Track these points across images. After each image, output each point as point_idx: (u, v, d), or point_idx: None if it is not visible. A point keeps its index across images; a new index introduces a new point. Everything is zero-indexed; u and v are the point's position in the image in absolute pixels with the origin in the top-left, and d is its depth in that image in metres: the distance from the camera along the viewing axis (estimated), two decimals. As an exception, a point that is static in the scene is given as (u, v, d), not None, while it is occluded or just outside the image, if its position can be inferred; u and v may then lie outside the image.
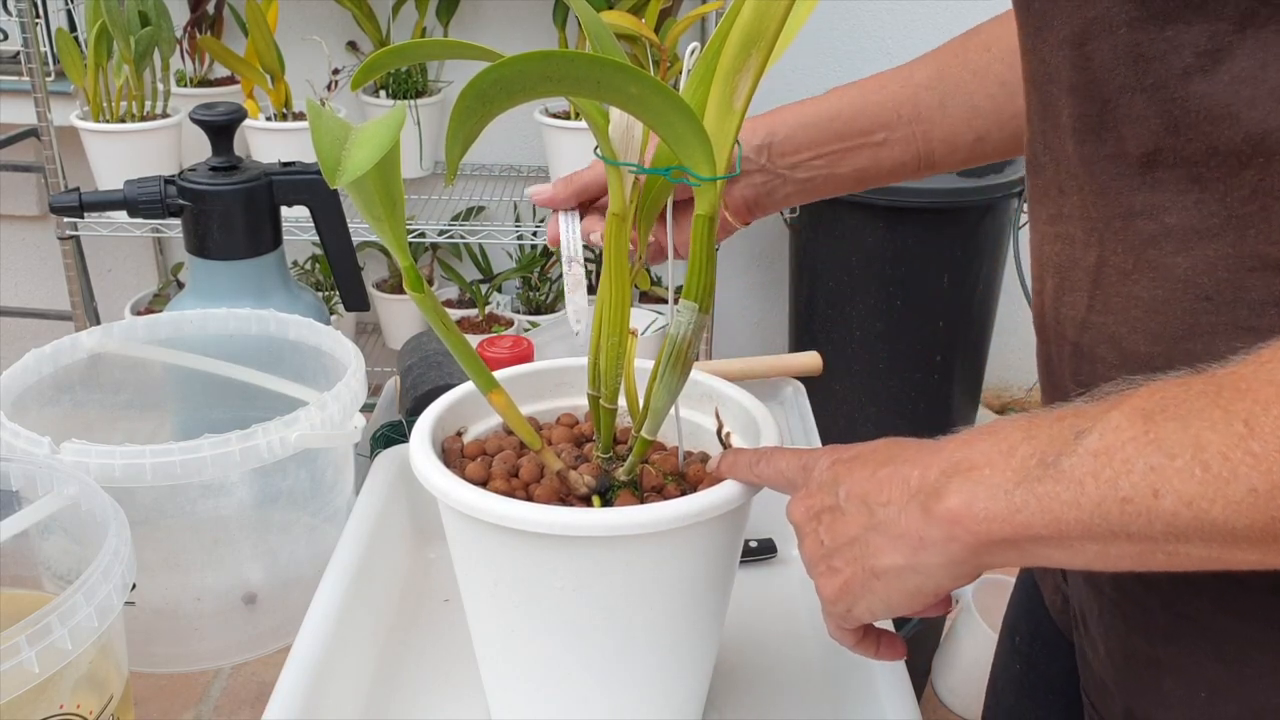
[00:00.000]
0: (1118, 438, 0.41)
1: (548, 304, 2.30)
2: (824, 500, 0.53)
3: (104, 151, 1.93)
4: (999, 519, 0.44)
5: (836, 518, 0.52)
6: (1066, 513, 0.42)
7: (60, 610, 0.59)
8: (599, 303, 0.62)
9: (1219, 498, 0.39)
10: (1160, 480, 0.40)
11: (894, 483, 0.49)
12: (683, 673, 0.65)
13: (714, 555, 0.61)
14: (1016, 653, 0.77)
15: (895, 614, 0.52)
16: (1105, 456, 0.41)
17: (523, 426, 0.63)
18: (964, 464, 0.46)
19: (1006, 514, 0.44)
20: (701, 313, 0.58)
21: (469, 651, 0.68)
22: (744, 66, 0.53)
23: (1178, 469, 0.39)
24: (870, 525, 0.50)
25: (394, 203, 0.51)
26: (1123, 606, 0.55)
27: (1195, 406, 0.40)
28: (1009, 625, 0.79)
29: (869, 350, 2.22)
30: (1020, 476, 0.44)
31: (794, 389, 1.12)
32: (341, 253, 1.10)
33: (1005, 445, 0.45)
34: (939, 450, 0.48)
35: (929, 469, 0.48)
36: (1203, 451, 0.39)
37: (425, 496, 0.60)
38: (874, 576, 0.50)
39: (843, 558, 0.51)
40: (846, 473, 0.52)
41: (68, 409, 0.89)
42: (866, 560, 0.50)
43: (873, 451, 0.52)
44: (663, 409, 0.62)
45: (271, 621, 0.83)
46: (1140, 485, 0.40)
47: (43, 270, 2.50)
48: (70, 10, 2.16)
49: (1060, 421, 0.44)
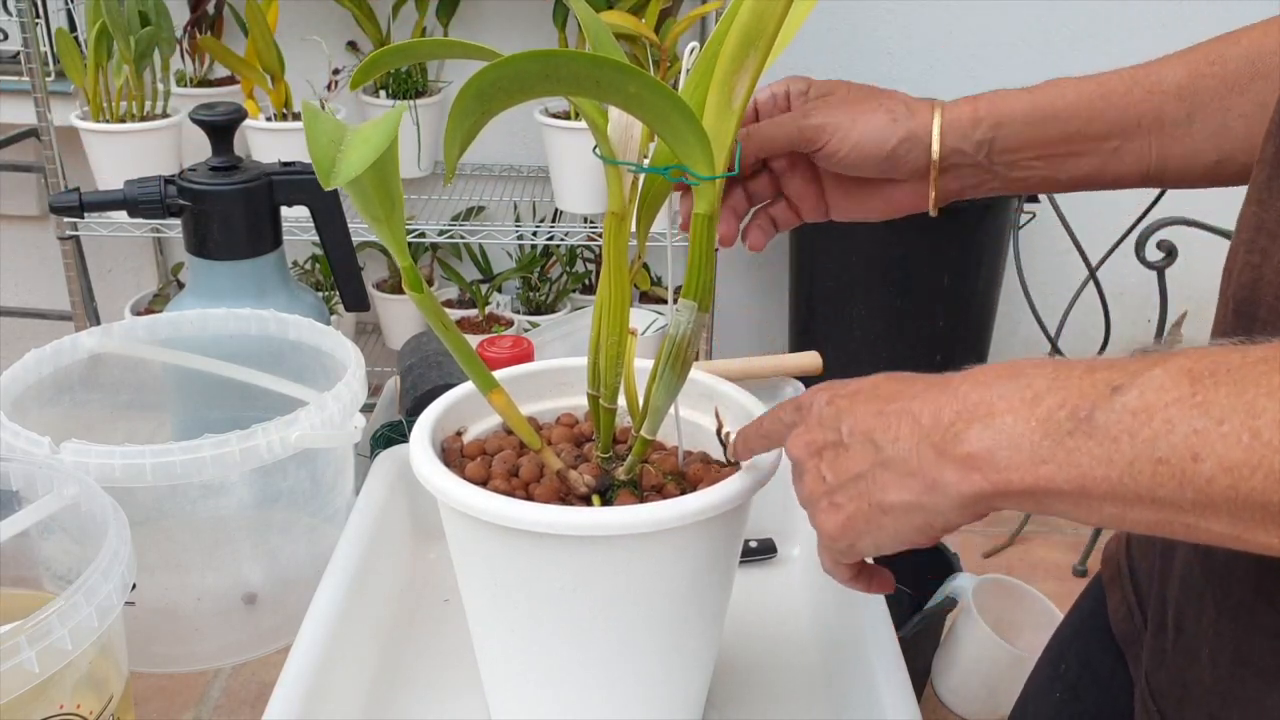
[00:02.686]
0: (1160, 398, 0.40)
1: (548, 304, 2.30)
2: (825, 436, 0.51)
3: (104, 151, 1.93)
4: (1021, 469, 0.43)
5: (840, 454, 0.50)
6: (1095, 469, 0.41)
7: (60, 610, 0.59)
8: (598, 302, 0.62)
9: (1262, 466, 0.37)
10: (1202, 444, 0.38)
11: (903, 420, 0.48)
12: (683, 673, 0.65)
13: (714, 555, 0.61)
14: (1060, 678, 0.74)
15: (901, 548, 0.51)
16: (1145, 415, 0.40)
17: (523, 426, 0.63)
18: (982, 408, 0.45)
19: (1030, 465, 0.43)
20: (701, 311, 0.58)
21: (469, 651, 0.68)
22: (742, 66, 0.53)
23: (1223, 434, 0.38)
24: (878, 462, 0.48)
25: (393, 203, 0.51)
26: (1255, 610, 0.52)
27: (1253, 373, 0.38)
28: (1056, 647, 0.76)
29: (869, 350, 2.22)
30: (1047, 429, 0.42)
31: (794, 389, 1.12)
32: (341, 253, 1.10)
33: (1029, 392, 0.44)
34: (950, 389, 0.47)
35: (942, 409, 0.46)
36: (1256, 418, 0.37)
37: (425, 496, 0.60)
38: (882, 512, 0.49)
39: (847, 493, 0.50)
40: (849, 408, 0.51)
41: (68, 409, 0.89)
42: (873, 496, 0.49)
43: (874, 387, 0.51)
44: (662, 408, 0.62)
45: (271, 621, 0.83)
46: (1180, 448, 0.39)
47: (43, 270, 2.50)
48: (70, 10, 2.16)
49: (1091, 374, 0.43)
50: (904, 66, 2.25)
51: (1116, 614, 0.68)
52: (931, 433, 0.46)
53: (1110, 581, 0.70)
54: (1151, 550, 0.64)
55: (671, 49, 1.88)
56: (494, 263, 2.34)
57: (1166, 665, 0.59)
